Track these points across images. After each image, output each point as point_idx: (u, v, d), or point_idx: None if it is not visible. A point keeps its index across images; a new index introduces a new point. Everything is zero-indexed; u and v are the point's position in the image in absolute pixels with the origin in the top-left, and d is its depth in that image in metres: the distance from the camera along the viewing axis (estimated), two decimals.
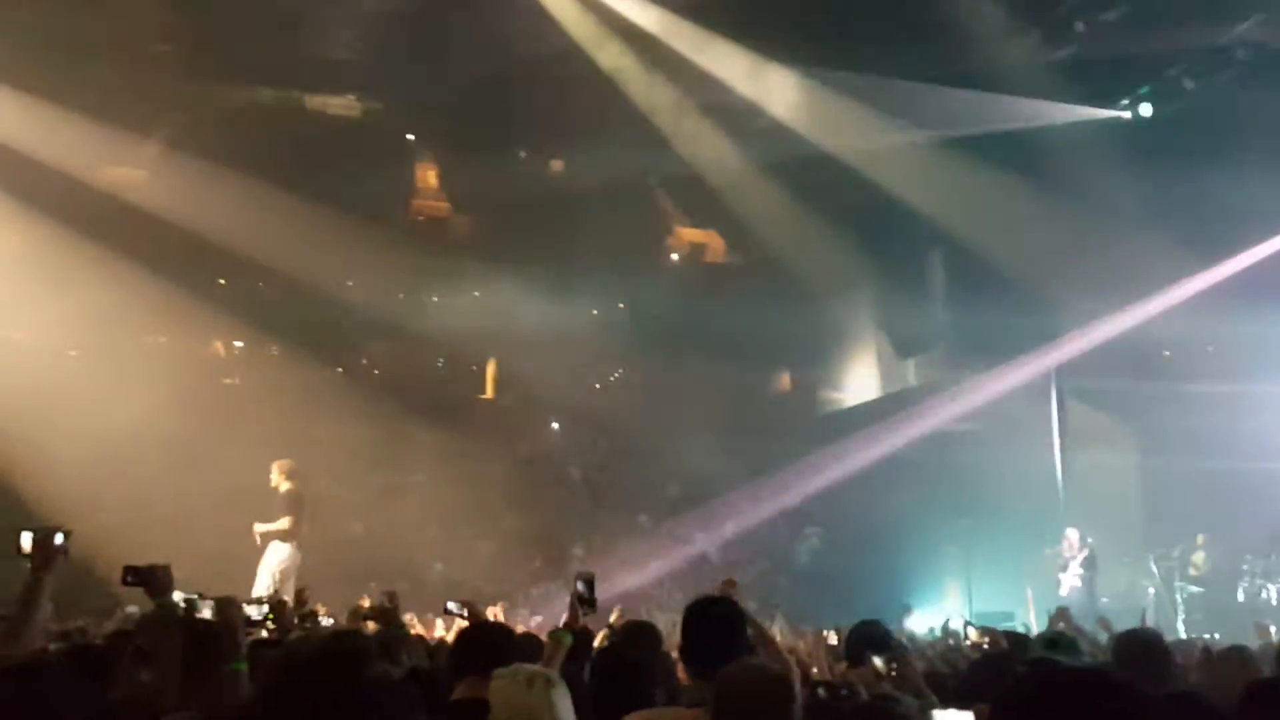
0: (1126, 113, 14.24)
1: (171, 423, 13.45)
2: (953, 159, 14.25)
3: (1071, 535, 13.34)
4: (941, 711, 3.45)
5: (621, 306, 19.49)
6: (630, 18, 13.97)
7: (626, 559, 14.96)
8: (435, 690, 3.99)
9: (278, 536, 10.17)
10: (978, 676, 4.52)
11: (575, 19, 14.03)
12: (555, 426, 19.06)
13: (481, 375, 19.34)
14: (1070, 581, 13.15)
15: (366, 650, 3.09)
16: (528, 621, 11.06)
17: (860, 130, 14.41)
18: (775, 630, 6.19)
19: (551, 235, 16.38)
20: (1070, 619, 7.26)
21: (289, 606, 6.11)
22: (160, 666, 3.86)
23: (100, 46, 13.26)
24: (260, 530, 10.19)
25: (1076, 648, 5.71)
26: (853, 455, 16.08)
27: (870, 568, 14.05)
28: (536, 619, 11.41)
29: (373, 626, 5.99)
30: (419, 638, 6.52)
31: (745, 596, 5.08)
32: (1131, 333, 14.46)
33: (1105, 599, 13.11)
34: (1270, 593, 12.99)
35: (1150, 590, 13.60)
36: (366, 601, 7.76)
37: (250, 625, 5.05)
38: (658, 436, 16.56)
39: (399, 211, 18.75)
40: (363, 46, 15.02)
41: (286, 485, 10.43)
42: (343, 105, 17.04)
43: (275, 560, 10.10)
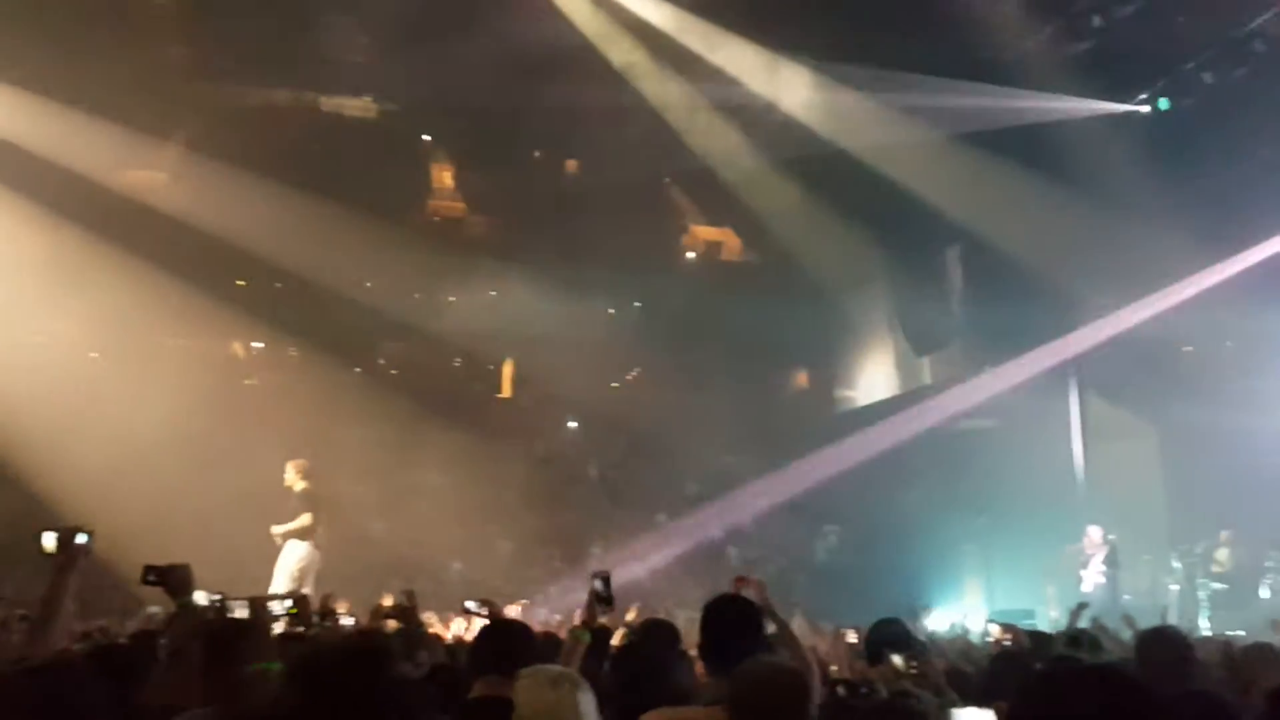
0: (1144, 107, 14.12)
1: (192, 423, 13.55)
2: (969, 155, 14.17)
3: (1093, 532, 13.24)
4: (961, 710, 3.44)
5: (637, 305, 19.50)
6: (643, 16, 13.97)
7: (644, 557, 14.98)
8: (455, 689, 4.00)
9: (294, 536, 10.22)
10: (997, 674, 4.50)
11: (589, 18, 14.04)
12: (572, 425, 19.08)
13: (498, 375, 19.39)
14: (1093, 579, 13.05)
15: (389, 650, 3.11)
16: (547, 620, 11.07)
17: (876, 126, 14.34)
18: (794, 628, 6.18)
19: (567, 234, 16.40)
20: (1086, 615, 7.23)
21: (310, 601, 6.14)
22: (186, 665, 3.89)
23: (119, 50, 13.36)
24: (277, 532, 10.24)
25: (1099, 646, 5.68)
26: (870, 452, 16.03)
27: (889, 566, 13.99)
28: (556, 617, 11.42)
29: (393, 625, 6.02)
30: (437, 636, 6.55)
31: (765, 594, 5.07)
32: (1152, 328, 14.34)
33: (1127, 596, 13.01)
34: None
35: (1173, 587, 13.49)
36: (388, 600, 7.80)
37: (273, 620, 5.08)
38: (675, 435, 16.56)
39: (415, 212, 18.83)
40: (378, 48, 15.07)
41: (302, 485, 10.47)
42: (359, 107, 17.12)
43: (293, 559, 10.15)
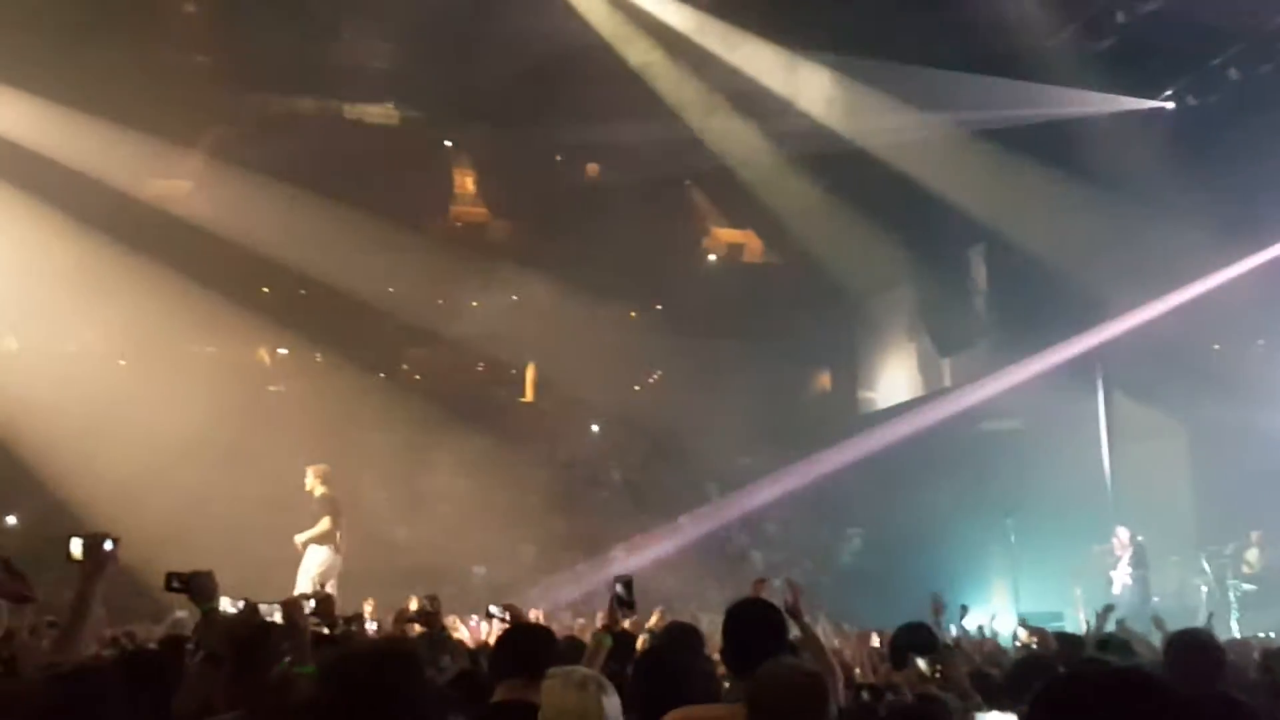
0: (1170, 103, 13.98)
1: (219, 430, 13.67)
2: (992, 152, 14.08)
3: (1121, 533, 13.12)
4: (985, 714, 3.41)
5: (659, 308, 19.49)
6: (662, 18, 13.98)
7: (667, 560, 14.97)
8: (478, 693, 4.01)
9: (314, 541, 10.27)
10: (1020, 677, 4.46)
11: (609, 22, 14.06)
12: (595, 429, 19.09)
13: (521, 379, 19.43)
14: (1122, 580, 12.93)
15: (418, 655, 3.14)
16: (570, 623, 11.07)
17: (897, 124, 14.27)
18: (819, 631, 6.15)
19: (588, 238, 16.41)
20: (1107, 618, 7.15)
21: (334, 601, 6.17)
22: (214, 670, 3.91)
23: (144, 61, 13.52)
24: (300, 540, 10.30)
25: (1129, 649, 5.61)
26: (893, 454, 15.95)
27: (913, 568, 13.89)
28: (579, 621, 11.42)
29: (417, 629, 6.04)
30: (460, 641, 6.57)
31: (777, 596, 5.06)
32: (1180, 326, 14.18)
33: (1156, 598, 12.87)
34: None
35: (1202, 588, 13.33)
36: (413, 604, 7.80)
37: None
38: (697, 437, 16.53)
39: (437, 218, 18.93)
40: (400, 56, 15.17)
41: (321, 490, 10.52)
42: (381, 114, 17.25)
43: (314, 564, 10.21)
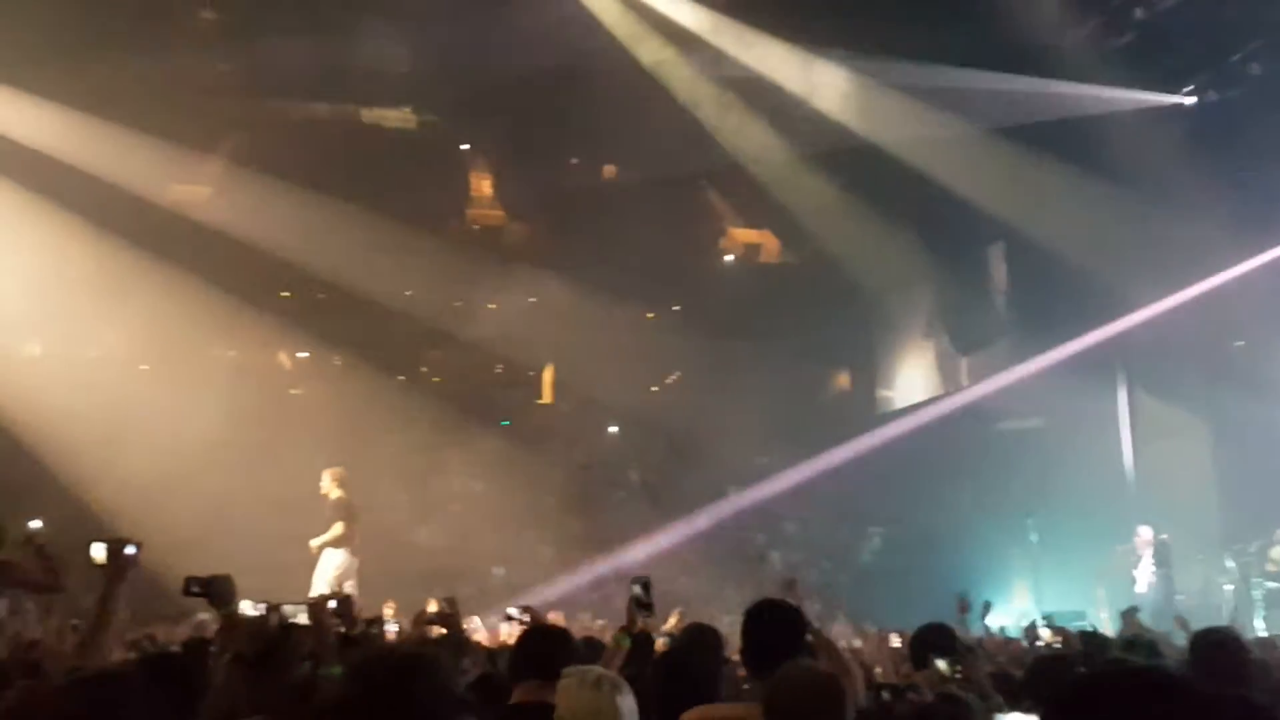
0: (1190, 99, 13.87)
1: (240, 433, 13.76)
2: (1010, 149, 13.99)
3: (1143, 532, 13.02)
4: (1006, 714, 3.39)
5: (677, 309, 19.48)
6: (676, 19, 13.98)
7: (686, 561, 14.95)
8: (497, 695, 4.01)
9: (330, 544, 10.31)
10: (1039, 677, 4.44)
11: (624, 23, 14.07)
12: (613, 430, 19.10)
13: (539, 380, 19.46)
14: (1145, 579, 12.84)
15: (442, 659, 3.15)
16: (589, 625, 11.09)
17: (914, 121, 14.20)
18: (838, 631, 6.14)
19: (605, 239, 16.43)
20: (1137, 620, 7.10)
21: (354, 602, 6.19)
22: (236, 673, 3.94)
23: (163, 68, 13.61)
24: (315, 544, 10.34)
25: (1156, 650, 5.55)
26: (912, 452, 15.89)
27: (933, 568, 13.83)
28: (599, 622, 11.44)
29: (436, 631, 6.06)
30: (479, 642, 6.58)
31: (808, 597, 5.06)
32: (1202, 323, 14.07)
33: (1180, 596, 12.76)
34: None
35: (1227, 587, 13.21)
36: (432, 606, 7.82)
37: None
38: (715, 438, 16.51)
39: (455, 220, 18.99)
40: (416, 59, 15.22)
41: (337, 493, 10.57)
42: (399, 118, 17.32)
43: (330, 566, 10.25)
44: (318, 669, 3.83)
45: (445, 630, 5.95)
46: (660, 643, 6.17)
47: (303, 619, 4.52)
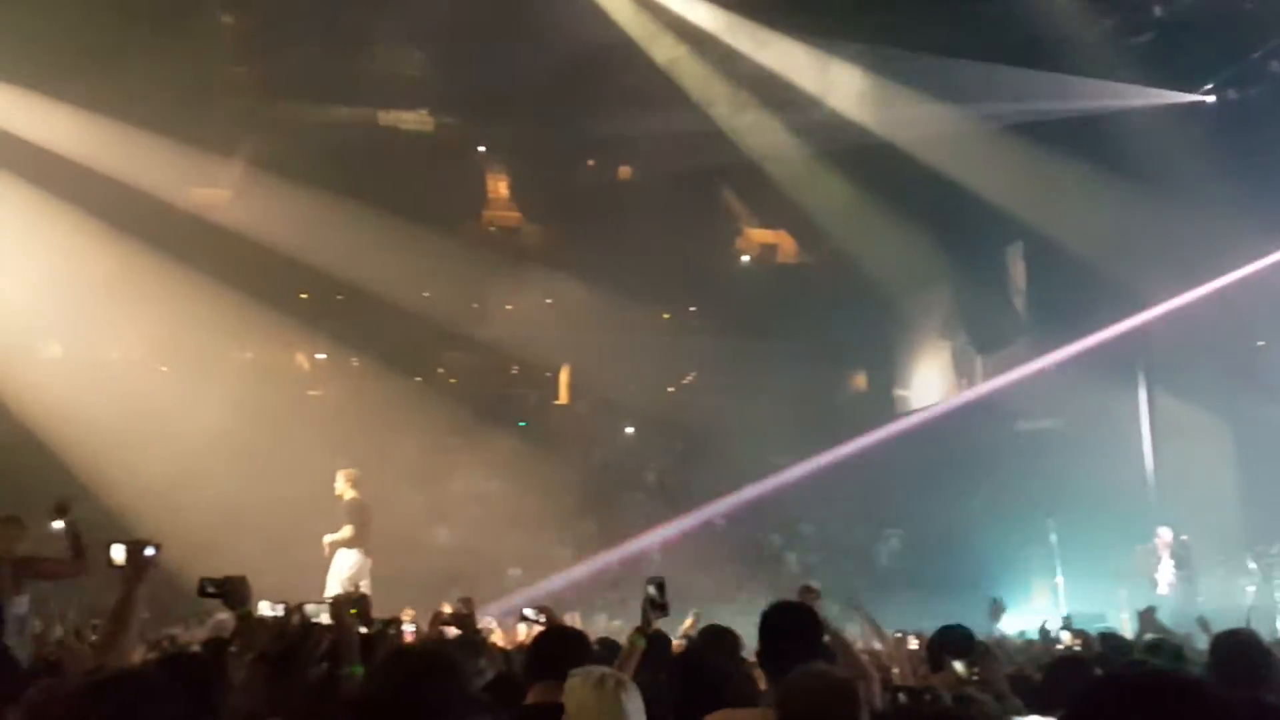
0: (1210, 97, 13.75)
1: (259, 434, 13.81)
2: (1030, 149, 13.90)
3: (1163, 533, 12.92)
4: (1022, 718, 3.37)
5: (693, 310, 19.47)
6: (692, 19, 13.96)
7: (702, 561, 14.92)
8: (514, 696, 4.02)
9: (344, 544, 10.33)
10: (1056, 680, 4.41)
11: (638, 23, 14.06)
12: (629, 430, 19.10)
13: (555, 381, 19.49)
14: (1166, 580, 12.74)
15: (457, 663, 3.16)
16: (607, 626, 11.09)
17: (931, 120, 14.12)
18: (856, 633, 6.11)
19: (621, 240, 16.43)
20: (1155, 620, 7.04)
21: (370, 602, 6.21)
22: (255, 674, 3.95)
23: (182, 72, 13.71)
24: (329, 541, 10.37)
25: (1180, 654, 5.48)
26: (930, 452, 15.82)
27: (953, 569, 13.78)
28: (615, 623, 11.44)
29: (452, 632, 6.07)
30: (495, 643, 6.59)
31: (826, 600, 5.05)
32: (1223, 322, 13.95)
33: (1201, 598, 12.65)
34: None
35: (1249, 589, 13.09)
36: (447, 608, 7.84)
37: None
38: (732, 439, 16.48)
39: (471, 222, 19.06)
40: (433, 62, 15.28)
41: (351, 494, 10.59)
42: (415, 120, 17.37)
43: (344, 567, 10.26)
44: (340, 668, 3.84)
45: (461, 631, 5.96)
46: (677, 644, 6.16)
47: (325, 619, 4.53)
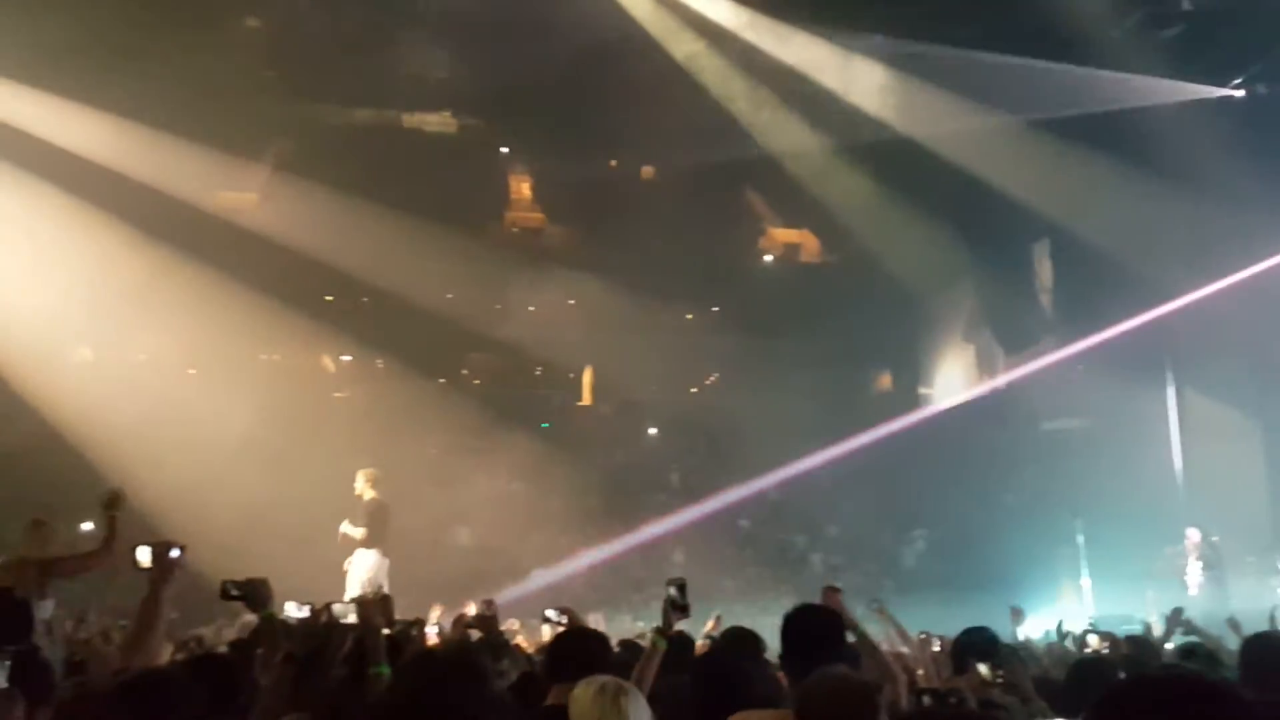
0: (1239, 91, 13.58)
1: (285, 436, 13.90)
2: (1056, 144, 13.76)
3: (1191, 534, 12.79)
4: None
5: (716, 310, 19.44)
6: (714, 18, 13.92)
7: (726, 563, 14.91)
8: (538, 697, 4.03)
9: (362, 544, 10.38)
10: (1080, 683, 4.37)
11: (661, 24, 14.05)
12: (652, 431, 19.09)
13: (578, 383, 19.50)
14: (1196, 581, 12.61)
15: (482, 665, 3.19)
16: (630, 627, 11.08)
17: (955, 115, 13.99)
18: (879, 635, 6.08)
19: (644, 241, 16.44)
20: (1179, 621, 6.96)
21: (392, 602, 6.24)
22: (280, 673, 3.98)
23: (209, 77, 13.83)
24: (344, 531, 10.41)
25: (1216, 659, 5.39)
26: (956, 452, 15.72)
27: (979, 570, 13.67)
28: (639, 624, 11.43)
29: (476, 634, 6.09)
30: (519, 644, 6.61)
31: (849, 600, 5.03)
32: (1254, 322, 13.76)
33: (1232, 600, 12.49)
34: None
35: (1279, 590, 12.92)
36: (471, 609, 7.87)
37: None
38: (755, 439, 16.42)
39: (495, 224, 19.11)
40: (456, 64, 15.34)
41: (371, 494, 10.63)
42: (439, 122, 17.46)
43: (362, 568, 10.31)
44: (366, 668, 3.87)
45: (484, 632, 5.98)
46: (700, 645, 6.15)
47: (352, 619, 4.57)
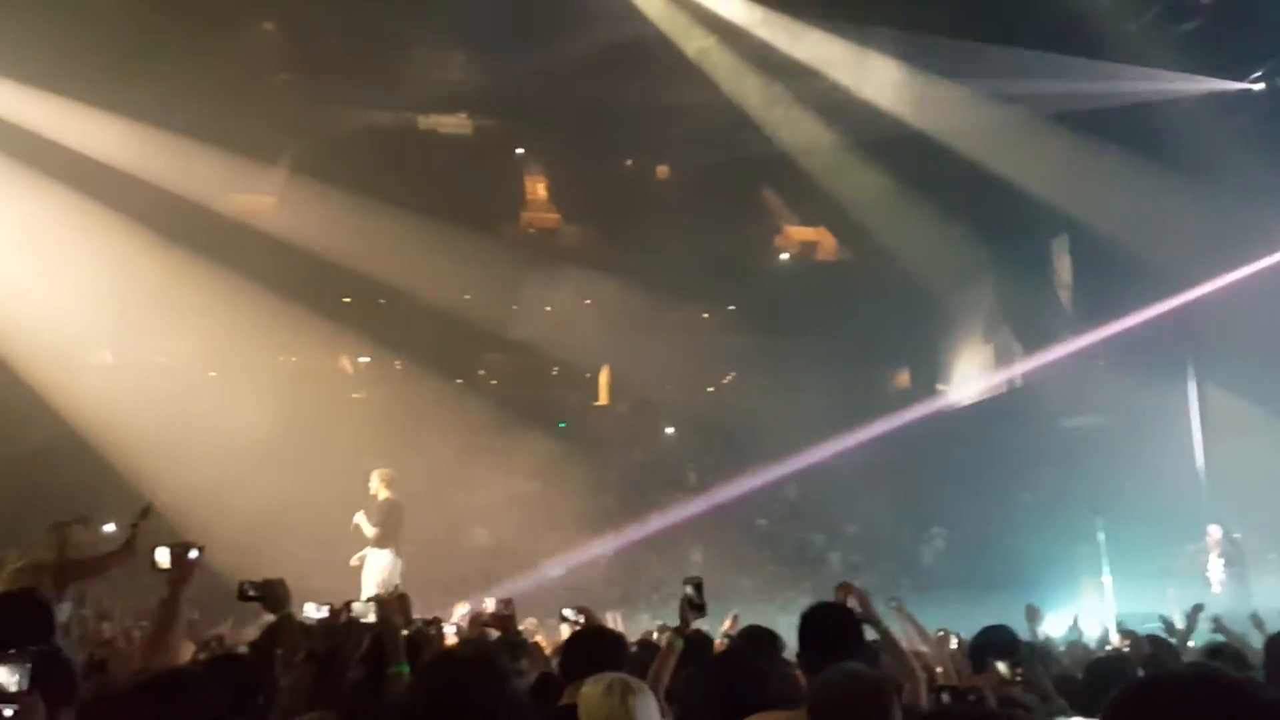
0: (1259, 84, 13.45)
1: (304, 437, 13.97)
2: (1075, 139, 13.67)
3: (1213, 530, 12.68)
4: (1066, 719, 3.33)
5: (732, 308, 19.40)
6: (729, 17, 13.91)
7: (744, 562, 14.88)
8: (557, 697, 4.04)
9: (374, 544, 10.42)
10: (1097, 680, 4.34)
11: (675, 22, 14.04)
12: (669, 431, 19.08)
13: (595, 382, 19.51)
14: (1218, 578, 12.51)
15: (500, 665, 3.20)
16: (649, 627, 11.07)
17: (971, 110, 13.91)
18: (900, 634, 6.06)
19: (660, 240, 16.43)
20: (1199, 617, 6.90)
21: (410, 600, 6.27)
22: (300, 672, 4.01)
23: (226, 80, 13.91)
24: (358, 522, 10.46)
25: (1244, 660, 5.33)
26: (975, 450, 15.64)
27: (999, 569, 13.60)
28: (657, 623, 11.41)
29: (494, 633, 6.10)
30: (536, 644, 6.61)
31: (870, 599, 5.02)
32: (1276, 315, 13.62)
33: (1255, 597, 12.38)
34: None
35: None
36: (491, 606, 7.88)
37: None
38: (772, 438, 16.39)
39: (510, 224, 19.15)
40: (471, 65, 15.38)
41: (385, 494, 10.68)
42: (454, 123, 17.51)
43: (376, 568, 10.36)
44: (385, 667, 3.88)
45: (502, 632, 5.99)
46: (719, 644, 6.14)
47: (372, 618, 4.60)
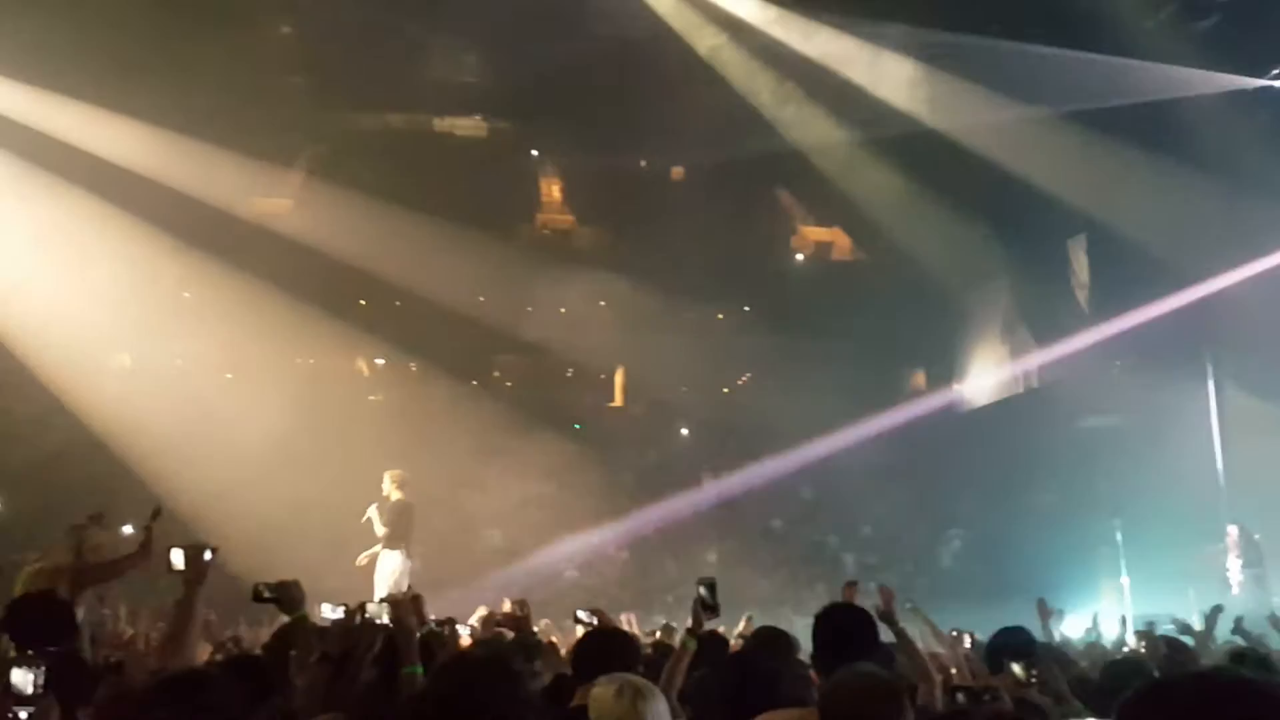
0: (1279, 81, 13.32)
1: (321, 439, 14.04)
2: (1092, 137, 13.56)
3: (1231, 531, 12.58)
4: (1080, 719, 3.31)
5: (747, 309, 19.38)
6: (743, 16, 13.88)
7: (760, 563, 14.87)
8: (572, 698, 4.04)
9: (384, 545, 10.46)
10: (1111, 682, 4.31)
11: (690, 23, 14.04)
12: (684, 432, 19.08)
13: (610, 384, 19.52)
14: (1236, 579, 12.41)
15: (514, 666, 3.21)
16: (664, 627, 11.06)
17: (987, 108, 13.82)
18: (915, 635, 6.03)
19: (674, 241, 16.43)
20: (1229, 618, 6.86)
21: (423, 602, 6.29)
22: (315, 673, 4.02)
23: (243, 85, 14.00)
24: (370, 516, 10.49)
25: (1269, 665, 5.27)
26: (992, 452, 15.57)
27: (1016, 570, 13.53)
28: (673, 624, 11.41)
29: (508, 634, 6.11)
30: (551, 645, 6.62)
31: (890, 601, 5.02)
32: None
33: (1276, 598, 12.27)
34: None
35: None
36: (506, 606, 7.89)
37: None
38: (787, 439, 16.37)
39: (525, 226, 19.19)
40: (485, 68, 15.43)
41: (398, 495, 10.72)
42: (470, 126, 17.57)
43: (388, 569, 10.40)
44: (399, 668, 3.90)
45: (516, 633, 6.00)
46: (734, 644, 6.14)
47: (385, 618, 4.62)
